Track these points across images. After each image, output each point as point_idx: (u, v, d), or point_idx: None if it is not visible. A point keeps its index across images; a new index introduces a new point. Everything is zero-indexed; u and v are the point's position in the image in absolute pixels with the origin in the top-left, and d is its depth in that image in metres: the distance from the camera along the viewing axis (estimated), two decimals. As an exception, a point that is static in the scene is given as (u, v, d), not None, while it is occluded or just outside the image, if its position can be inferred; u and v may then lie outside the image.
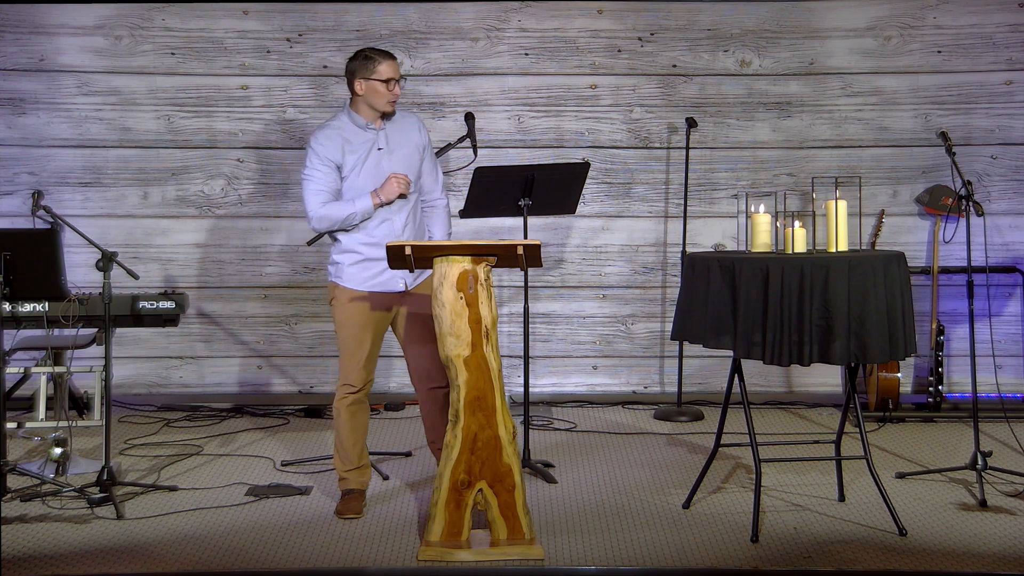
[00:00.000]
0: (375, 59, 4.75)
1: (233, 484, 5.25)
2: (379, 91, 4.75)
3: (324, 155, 4.75)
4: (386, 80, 4.75)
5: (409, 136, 4.88)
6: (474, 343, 4.31)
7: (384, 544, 4.48)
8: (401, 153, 4.84)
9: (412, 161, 4.87)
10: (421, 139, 4.91)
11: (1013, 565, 4.22)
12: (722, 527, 4.63)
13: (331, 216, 4.76)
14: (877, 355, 4.45)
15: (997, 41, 6.74)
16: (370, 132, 4.81)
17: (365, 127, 4.81)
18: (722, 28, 6.80)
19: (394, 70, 4.77)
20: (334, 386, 6.91)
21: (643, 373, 6.96)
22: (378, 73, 4.74)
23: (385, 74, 4.74)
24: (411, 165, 4.86)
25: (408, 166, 4.84)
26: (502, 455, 4.32)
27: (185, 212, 6.86)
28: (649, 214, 6.89)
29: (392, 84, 4.75)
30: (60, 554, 4.35)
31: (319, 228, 4.83)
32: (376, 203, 4.75)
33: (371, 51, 4.80)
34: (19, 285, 4.88)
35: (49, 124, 6.78)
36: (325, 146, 4.76)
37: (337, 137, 4.78)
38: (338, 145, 4.77)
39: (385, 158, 4.81)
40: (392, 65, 4.77)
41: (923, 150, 6.79)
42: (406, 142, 4.86)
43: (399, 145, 4.84)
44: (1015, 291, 6.83)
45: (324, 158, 4.75)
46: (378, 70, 4.74)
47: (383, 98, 4.77)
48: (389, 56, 4.79)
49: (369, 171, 4.79)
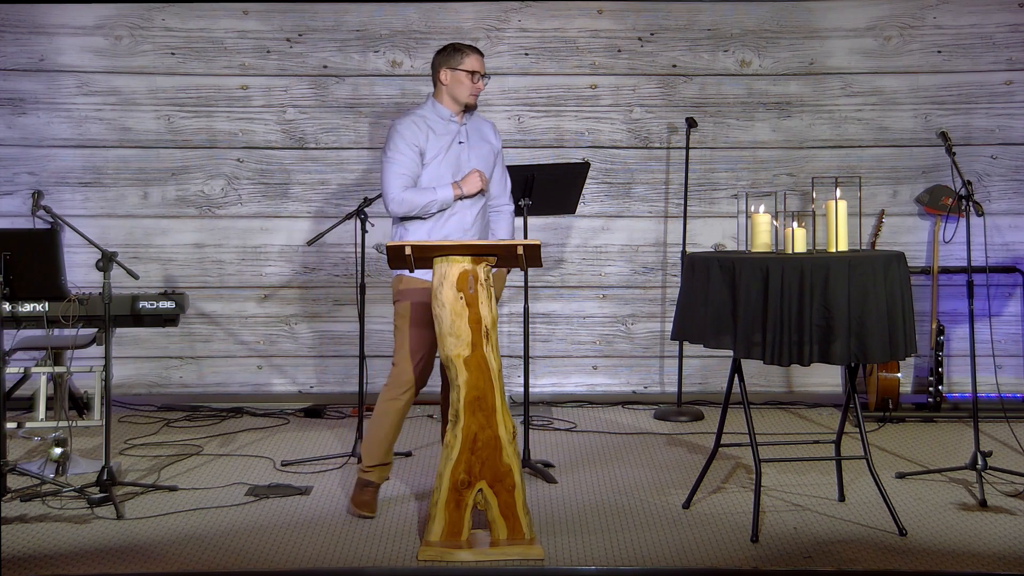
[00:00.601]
0: (463, 51, 4.83)
1: (233, 484, 5.25)
2: (463, 82, 4.80)
3: (410, 139, 4.76)
4: (471, 72, 4.80)
5: (486, 137, 4.94)
6: (474, 343, 4.31)
7: (384, 544, 4.48)
8: (479, 151, 4.89)
9: (488, 161, 4.91)
10: (497, 143, 4.98)
11: (1013, 565, 4.22)
12: (722, 527, 4.63)
13: (412, 201, 4.73)
14: (877, 355, 4.45)
15: (997, 41, 6.74)
16: (453, 124, 4.85)
17: (448, 119, 4.84)
18: (722, 28, 6.80)
19: (480, 64, 4.83)
20: (334, 386, 6.99)
21: (643, 373, 6.97)
22: (465, 64, 4.80)
23: (471, 66, 4.80)
24: (486, 165, 4.90)
25: (484, 165, 4.88)
26: (502, 455, 4.32)
27: (185, 212, 6.86)
28: (649, 214, 6.89)
29: (476, 77, 4.81)
30: (60, 554, 4.34)
31: (397, 212, 4.79)
32: (457, 194, 4.76)
33: (460, 44, 4.88)
34: (19, 285, 4.88)
35: (49, 124, 6.78)
36: (411, 130, 4.77)
37: (423, 124, 4.81)
38: (423, 132, 4.79)
39: (465, 152, 4.84)
40: (479, 60, 4.83)
41: (923, 150, 6.80)
42: (484, 142, 4.92)
43: (478, 143, 4.89)
44: (1015, 291, 6.84)
45: (410, 142, 4.75)
46: (465, 62, 4.81)
47: (467, 89, 4.81)
48: (477, 51, 4.85)
49: (450, 162, 4.81)
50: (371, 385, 6.57)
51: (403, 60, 6.79)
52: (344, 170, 6.85)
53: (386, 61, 6.81)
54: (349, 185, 6.84)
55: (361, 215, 5.64)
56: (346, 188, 6.84)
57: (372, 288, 6.76)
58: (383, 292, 6.89)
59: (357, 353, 5.80)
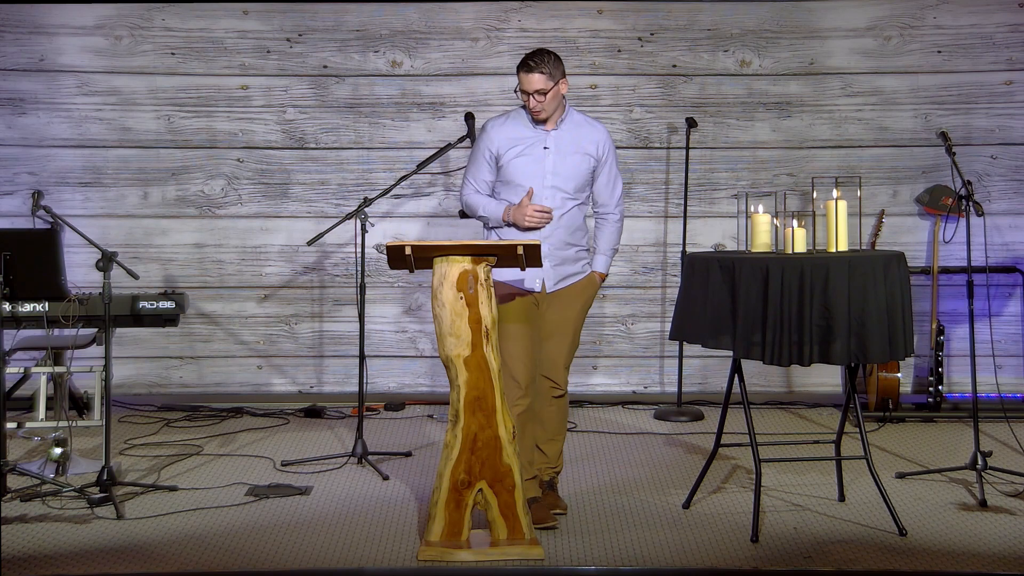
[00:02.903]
0: (518, 71, 4.73)
1: (233, 484, 5.25)
2: (523, 99, 4.76)
3: (486, 145, 4.79)
4: (520, 91, 4.73)
5: (582, 144, 4.78)
6: (474, 343, 4.31)
7: (384, 544, 4.48)
8: (568, 158, 4.76)
9: (579, 168, 4.77)
10: (597, 151, 4.79)
11: (1013, 565, 4.22)
12: (722, 527, 4.63)
13: (470, 206, 4.87)
14: (877, 355, 4.45)
15: (997, 41, 6.74)
16: (539, 129, 4.78)
17: (534, 124, 4.79)
18: (722, 28, 6.80)
19: (526, 83, 4.68)
20: (334, 386, 6.99)
21: (643, 373, 6.97)
22: (520, 84, 4.73)
23: (521, 86, 4.71)
24: (576, 172, 4.76)
25: (572, 172, 4.76)
26: (502, 455, 4.32)
27: (185, 212, 6.86)
28: (649, 214, 6.89)
29: (525, 96, 4.70)
30: (60, 554, 4.35)
31: (463, 210, 4.97)
32: (505, 220, 4.73)
33: (520, 63, 4.75)
34: (19, 285, 4.88)
35: (49, 124, 6.78)
36: (489, 134, 4.79)
37: (509, 126, 4.80)
38: (505, 135, 4.78)
39: (549, 157, 4.75)
40: (525, 78, 4.68)
41: (923, 150, 6.80)
42: (577, 149, 4.78)
43: (568, 150, 4.77)
44: (1015, 291, 6.84)
45: (485, 149, 4.80)
46: (519, 81, 4.73)
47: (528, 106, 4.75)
48: (523, 68, 4.71)
49: (529, 164, 4.74)
50: (371, 385, 6.58)
51: (403, 60, 6.79)
52: (344, 170, 6.85)
53: (386, 61, 6.81)
54: (349, 185, 6.84)
55: (361, 215, 5.64)
56: (346, 188, 6.84)
57: (372, 288, 6.76)
58: (383, 292, 6.90)
59: (357, 353, 5.80)
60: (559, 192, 4.74)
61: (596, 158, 4.80)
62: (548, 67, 4.66)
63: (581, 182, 4.79)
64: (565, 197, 4.75)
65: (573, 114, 4.84)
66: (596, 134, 4.82)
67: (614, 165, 4.89)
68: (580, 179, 4.78)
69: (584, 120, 4.86)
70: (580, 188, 4.79)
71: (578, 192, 4.79)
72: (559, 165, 4.74)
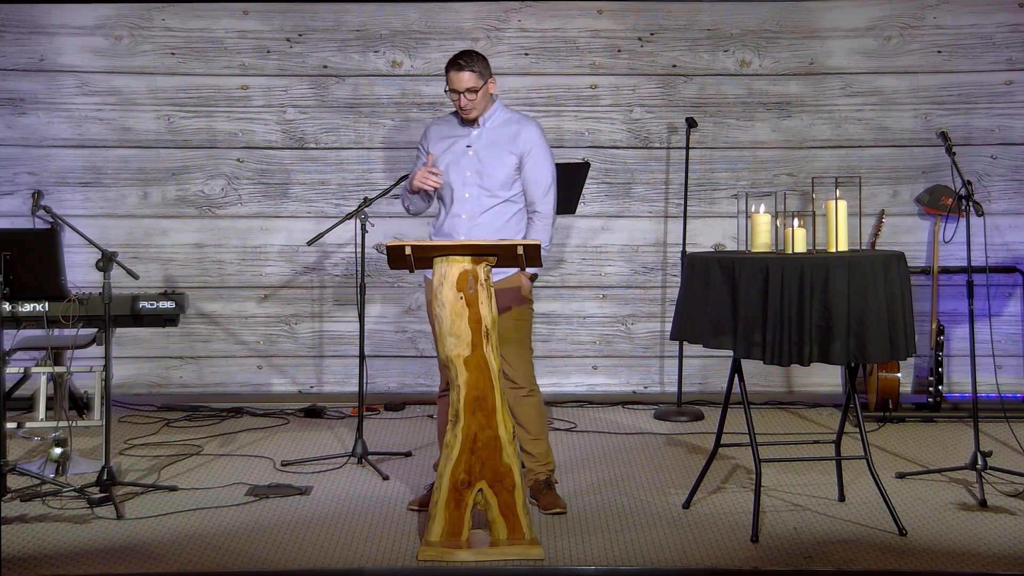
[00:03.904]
0: (447, 71, 4.78)
1: (233, 484, 5.25)
2: (451, 99, 4.83)
3: (421, 144, 5.00)
4: (453, 90, 4.78)
5: (505, 142, 4.82)
6: (474, 343, 4.31)
7: (384, 544, 4.48)
8: (489, 156, 4.81)
9: (500, 166, 4.80)
10: (520, 147, 4.82)
11: (1013, 565, 4.22)
12: (722, 527, 4.63)
13: (401, 197, 5.05)
14: (877, 355, 4.45)
15: (997, 41, 6.74)
16: (465, 129, 4.86)
17: (462, 124, 4.88)
18: (722, 28, 6.80)
19: (455, 81, 4.74)
20: (334, 386, 6.99)
21: (643, 373, 6.97)
22: (448, 83, 4.79)
23: (452, 85, 4.77)
24: (497, 169, 4.80)
25: (493, 169, 4.79)
26: (502, 455, 4.32)
27: (185, 212, 6.86)
28: (649, 214, 6.89)
29: (455, 95, 4.77)
30: (60, 554, 4.34)
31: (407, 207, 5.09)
32: (410, 190, 4.91)
33: (449, 62, 4.80)
34: (19, 285, 4.88)
35: (49, 124, 6.78)
36: (425, 134, 5.00)
37: (443, 126, 4.94)
38: (438, 134, 4.91)
39: (471, 155, 4.82)
40: (454, 76, 4.75)
41: (923, 150, 6.80)
42: (500, 147, 4.82)
43: (491, 148, 4.82)
44: (1015, 291, 6.84)
45: (421, 145, 5.00)
46: (447, 80, 4.79)
47: (454, 104, 4.83)
48: (453, 67, 4.76)
49: (453, 163, 4.82)
50: (371, 385, 6.58)
51: (403, 60, 6.79)
52: (344, 170, 6.85)
53: (386, 61, 6.81)
54: (349, 185, 6.84)
55: (361, 215, 5.64)
56: (346, 188, 6.84)
57: (372, 288, 6.76)
58: (383, 292, 6.90)
59: (357, 353, 5.80)
60: (481, 190, 4.80)
61: (519, 155, 4.82)
62: (478, 66, 4.76)
63: (504, 179, 4.81)
64: (486, 195, 4.80)
65: (502, 112, 4.89)
66: (522, 131, 4.85)
67: (542, 163, 4.86)
68: (502, 177, 4.81)
69: (514, 118, 4.90)
70: (504, 186, 4.81)
71: (502, 190, 4.81)
72: (480, 163, 4.81)
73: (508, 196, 4.84)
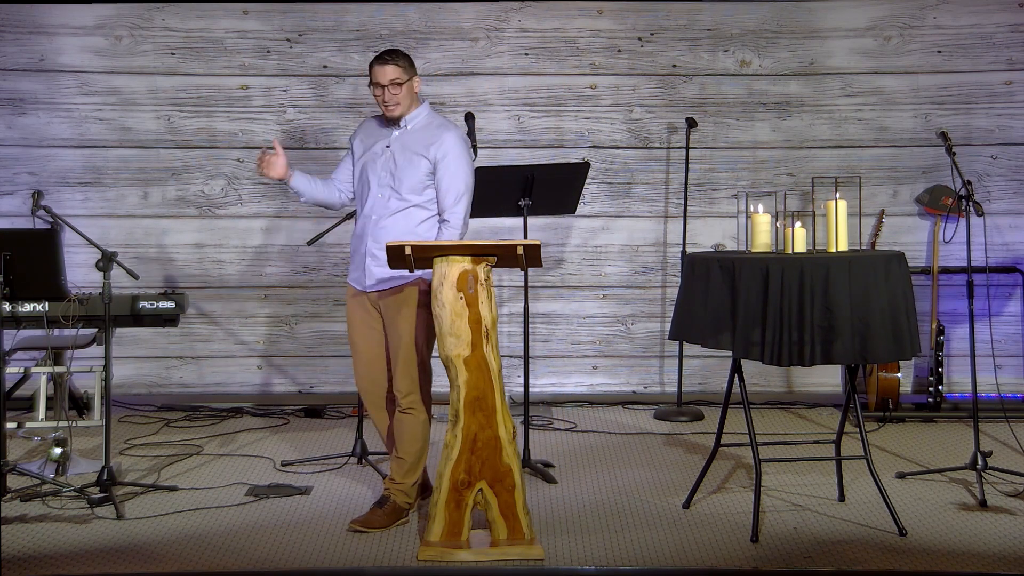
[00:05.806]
0: (371, 67, 4.72)
1: (233, 484, 5.25)
2: (375, 95, 4.75)
3: (351, 141, 4.94)
4: (377, 85, 4.70)
5: (421, 146, 4.70)
6: (474, 343, 4.31)
7: (384, 544, 4.48)
8: (403, 159, 4.71)
9: (412, 169, 4.69)
10: (434, 153, 4.67)
11: (1013, 565, 4.22)
12: (722, 527, 4.63)
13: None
14: (882, 355, 4.45)
15: (997, 41, 6.74)
16: (388, 130, 4.79)
17: (386, 124, 4.81)
18: (722, 28, 6.80)
19: (380, 75, 4.67)
20: (334, 386, 6.98)
21: (643, 373, 6.97)
22: (371, 78, 4.73)
23: (376, 79, 4.71)
24: (408, 172, 4.69)
25: (404, 172, 4.69)
26: (502, 455, 4.32)
27: (185, 212, 6.86)
28: (649, 214, 6.89)
29: (379, 89, 4.70)
30: (60, 554, 4.35)
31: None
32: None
33: (373, 59, 4.75)
34: (19, 285, 4.88)
35: (49, 124, 6.78)
36: (358, 128, 4.95)
37: (371, 125, 4.90)
38: (365, 132, 4.88)
39: (385, 156, 4.74)
40: (377, 70, 4.68)
41: (923, 150, 6.79)
42: (415, 150, 4.71)
43: (406, 150, 4.71)
44: (1015, 291, 6.84)
45: (350, 140, 4.95)
46: (371, 75, 4.73)
47: (378, 102, 4.76)
48: (377, 61, 4.70)
49: (371, 162, 4.77)
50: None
51: (403, 60, 6.78)
52: (344, 170, 6.84)
53: (386, 61, 6.80)
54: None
55: (361, 215, 5.63)
56: (346, 188, 6.84)
57: (372, 288, 6.76)
58: (383, 292, 6.89)
59: (357, 353, 5.79)
60: (392, 191, 4.70)
61: (432, 160, 4.68)
62: (403, 61, 4.71)
63: (414, 184, 4.68)
64: (395, 197, 4.70)
65: (427, 116, 4.78)
66: (440, 136, 4.70)
67: (455, 170, 4.68)
68: (413, 180, 4.68)
69: (436, 122, 4.78)
70: (413, 190, 4.68)
71: (411, 194, 4.68)
72: (394, 165, 4.72)
73: (418, 201, 4.69)
